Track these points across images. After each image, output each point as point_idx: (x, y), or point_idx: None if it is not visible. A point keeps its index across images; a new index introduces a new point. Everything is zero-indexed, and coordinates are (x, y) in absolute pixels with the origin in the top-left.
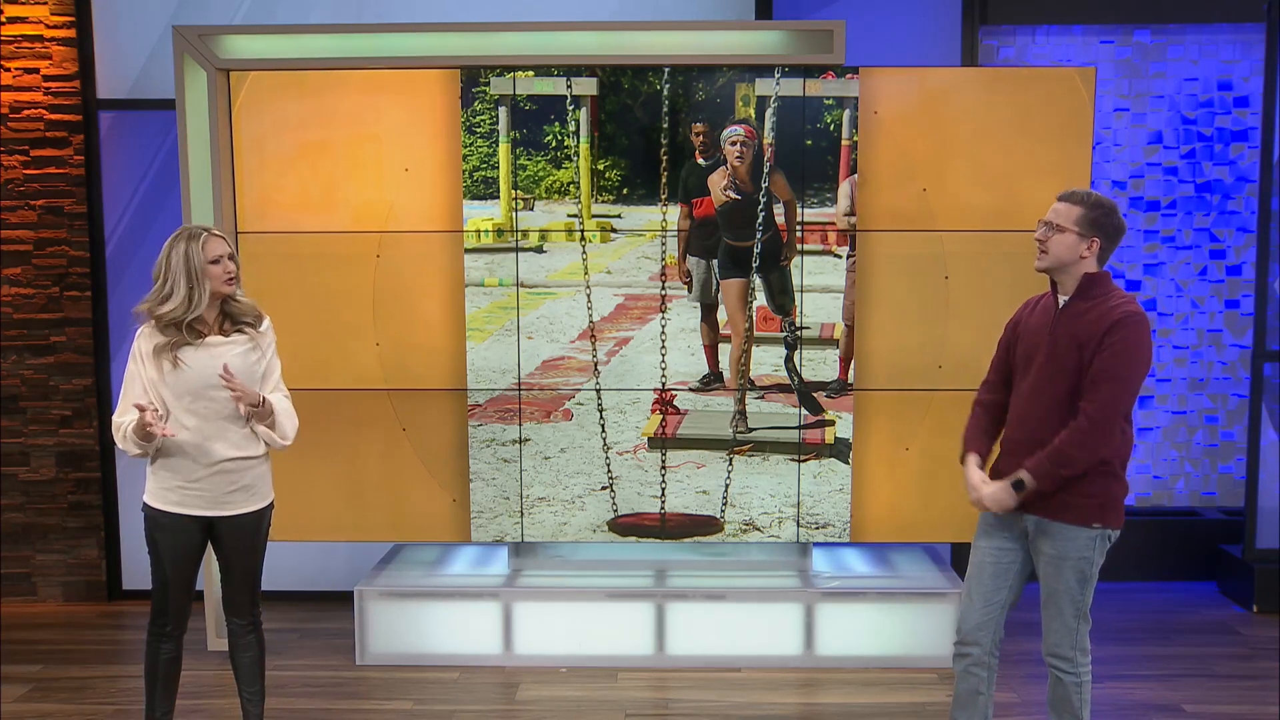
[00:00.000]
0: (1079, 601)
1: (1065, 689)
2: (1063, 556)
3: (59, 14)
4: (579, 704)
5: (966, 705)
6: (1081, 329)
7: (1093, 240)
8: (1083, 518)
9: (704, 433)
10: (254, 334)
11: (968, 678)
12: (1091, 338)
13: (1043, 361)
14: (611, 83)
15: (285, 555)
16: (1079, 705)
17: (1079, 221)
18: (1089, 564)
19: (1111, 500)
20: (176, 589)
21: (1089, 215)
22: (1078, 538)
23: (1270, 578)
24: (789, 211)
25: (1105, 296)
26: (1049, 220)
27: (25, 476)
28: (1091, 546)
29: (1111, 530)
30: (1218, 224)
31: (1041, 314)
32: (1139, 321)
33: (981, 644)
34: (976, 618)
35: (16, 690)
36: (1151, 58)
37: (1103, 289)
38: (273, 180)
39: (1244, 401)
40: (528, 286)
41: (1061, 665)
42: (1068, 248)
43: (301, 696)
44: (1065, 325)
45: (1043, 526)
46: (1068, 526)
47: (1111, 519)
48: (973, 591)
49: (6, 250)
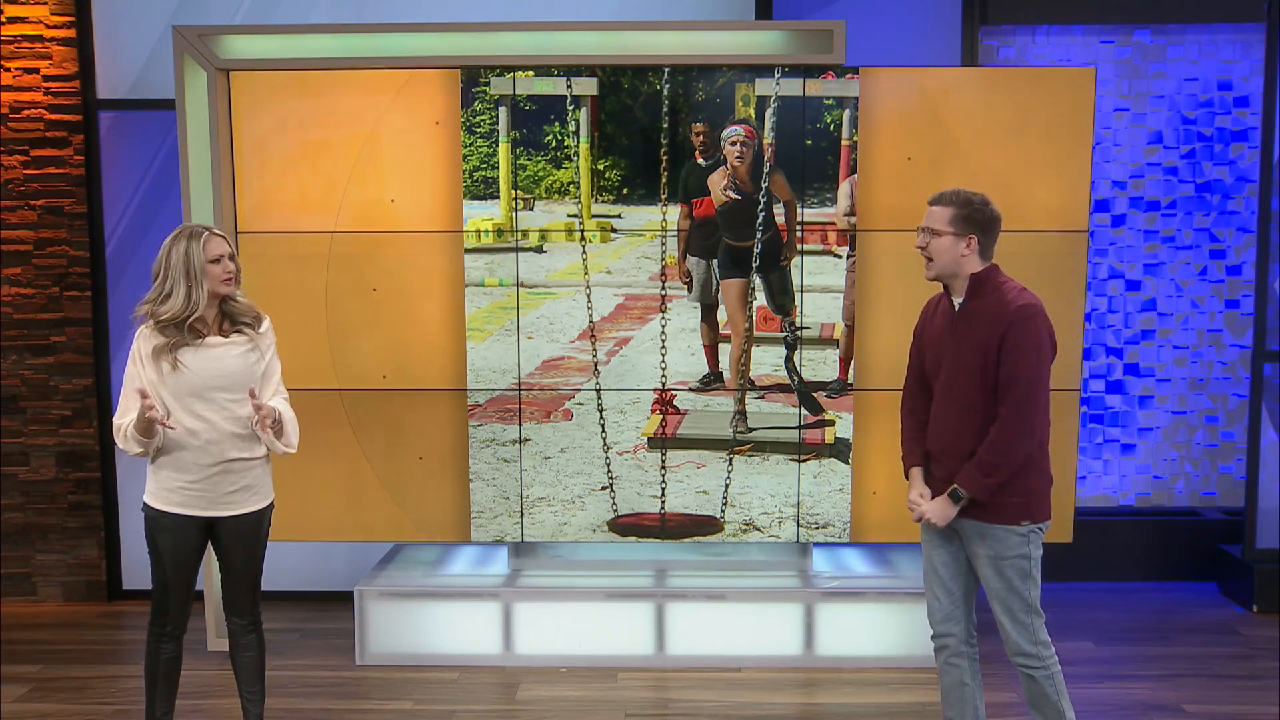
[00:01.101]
0: (1026, 597)
1: (1039, 685)
2: (999, 556)
3: (59, 14)
4: (579, 704)
5: (954, 699)
6: (979, 331)
7: (969, 237)
8: (1010, 517)
9: (704, 433)
10: (253, 335)
11: (950, 670)
12: (991, 338)
13: (949, 368)
14: (611, 83)
15: (285, 555)
16: (1056, 697)
17: (952, 221)
18: (1027, 560)
19: (1035, 496)
20: (177, 589)
21: (960, 213)
22: (1009, 538)
23: (1270, 578)
24: (789, 211)
25: (996, 292)
26: (925, 225)
27: (25, 476)
28: (1026, 543)
29: (1041, 524)
30: (1218, 224)
31: (941, 319)
32: (1032, 314)
33: (954, 634)
34: (943, 610)
35: (16, 690)
36: (1151, 58)
37: (992, 286)
38: (273, 180)
39: (1244, 401)
40: (528, 286)
41: (1027, 663)
42: (947, 250)
43: (301, 696)
44: (963, 329)
45: (974, 529)
46: (998, 527)
47: (1037, 514)
48: (933, 587)
49: (6, 250)
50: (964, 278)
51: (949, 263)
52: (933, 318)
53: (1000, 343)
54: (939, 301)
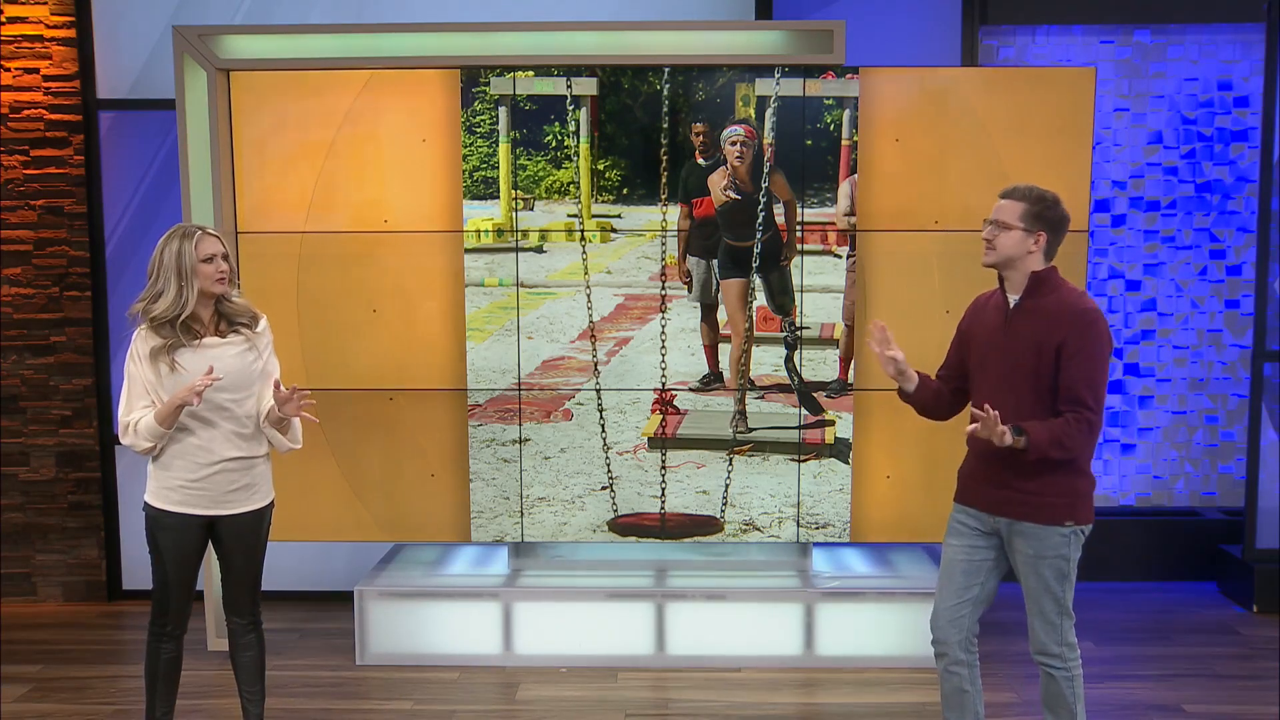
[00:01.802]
0: (1060, 598)
1: (1057, 685)
2: (1039, 555)
3: (59, 14)
4: (579, 704)
5: (954, 705)
6: (1038, 329)
7: (1038, 234)
8: (1055, 517)
9: (704, 433)
10: (250, 335)
11: (950, 677)
12: (1049, 339)
13: (999, 363)
14: (611, 83)
15: (285, 555)
16: (1073, 700)
17: (1023, 217)
18: (1066, 561)
19: (1080, 497)
20: (178, 588)
21: (1032, 210)
22: (1051, 536)
23: (1270, 578)
24: (789, 211)
25: (1055, 293)
26: (994, 219)
27: (25, 476)
28: (1066, 544)
29: (1083, 526)
30: (1218, 224)
31: (993, 314)
32: (1096, 319)
33: (954, 641)
34: (947, 615)
35: (16, 690)
36: (1151, 58)
37: (1051, 286)
38: (273, 180)
39: (1244, 401)
40: (528, 286)
41: (1050, 662)
42: (1015, 244)
43: (301, 696)
44: (1019, 325)
45: (1016, 528)
46: (1041, 527)
47: (1082, 515)
48: (944, 589)
49: (6, 250)
50: (1024, 274)
51: (1013, 255)
52: (983, 312)
53: (1061, 345)
54: (990, 297)
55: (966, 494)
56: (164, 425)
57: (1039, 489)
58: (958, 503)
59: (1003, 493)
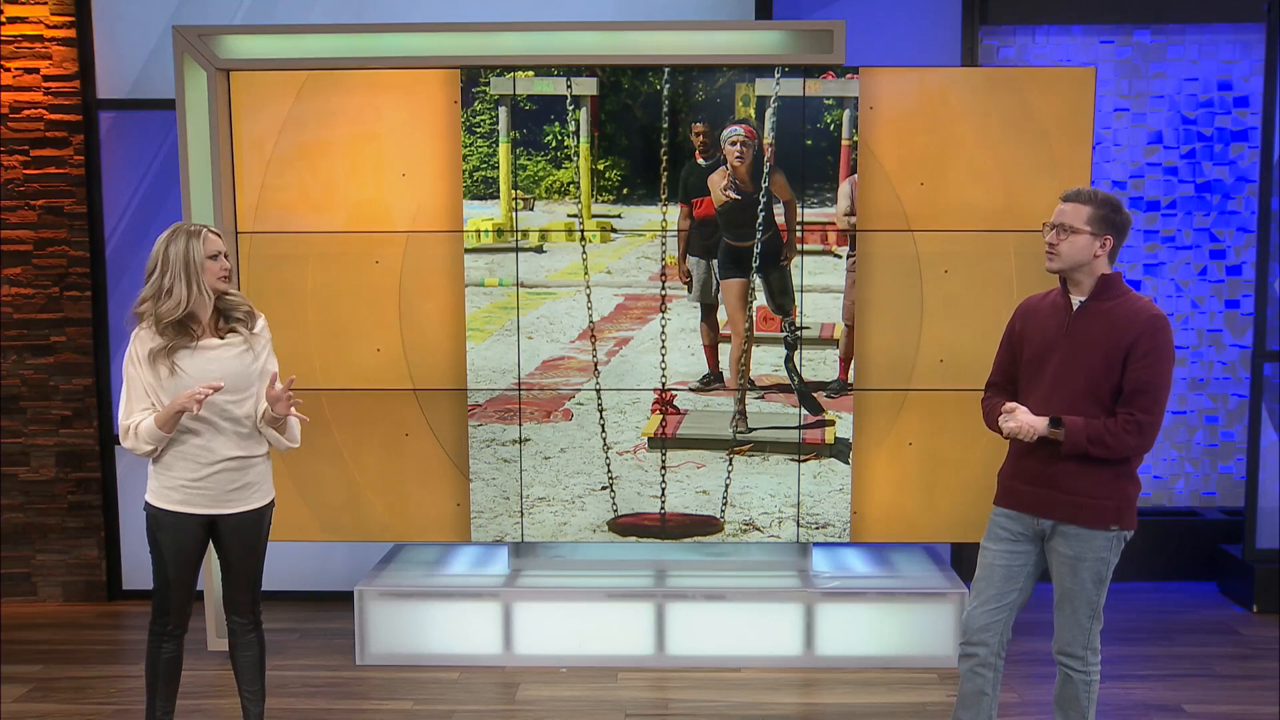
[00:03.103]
0: (1094, 601)
1: (1074, 687)
2: (1080, 558)
3: (59, 14)
4: (579, 704)
5: (971, 706)
6: (1103, 331)
7: (1105, 238)
8: (1101, 520)
9: (704, 433)
10: (248, 335)
11: (973, 678)
12: (1118, 342)
13: (1059, 362)
14: (611, 83)
15: (285, 555)
16: (1086, 704)
17: (1090, 220)
18: (1105, 565)
19: (1128, 501)
20: (178, 588)
21: (1099, 213)
22: (1095, 539)
23: (1270, 578)
24: (789, 211)
25: (1123, 297)
26: (1059, 223)
27: (25, 476)
28: (1109, 548)
29: (1127, 531)
30: (1218, 224)
31: (1052, 313)
32: (1164, 325)
33: (988, 644)
34: (984, 619)
35: (16, 690)
36: (1151, 58)
37: (1119, 289)
38: (273, 180)
39: (1244, 401)
40: (528, 286)
41: (1072, 664)
42: (1081, 249)
43: (301, 696)
44: (1084, 326)
45: (1060, 529)
46: (1086, 529)
47: (1127, 520)
48: (982, 592)
49: (6, 250)
50: (1093, 277)
51: (1079, 260)
52: (1036, 314)
53: (1130, 349)
54: (1045, 298)
55: (1008, 496)
56: (164, 429)
57: (1086, 490)
58: (998, 505)
59: (1048, 493)
